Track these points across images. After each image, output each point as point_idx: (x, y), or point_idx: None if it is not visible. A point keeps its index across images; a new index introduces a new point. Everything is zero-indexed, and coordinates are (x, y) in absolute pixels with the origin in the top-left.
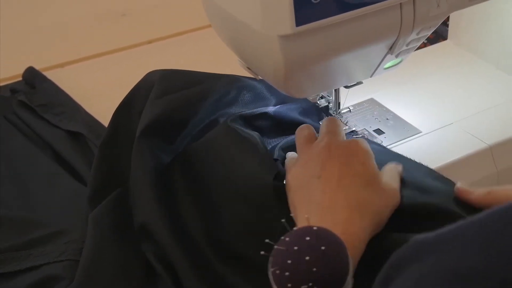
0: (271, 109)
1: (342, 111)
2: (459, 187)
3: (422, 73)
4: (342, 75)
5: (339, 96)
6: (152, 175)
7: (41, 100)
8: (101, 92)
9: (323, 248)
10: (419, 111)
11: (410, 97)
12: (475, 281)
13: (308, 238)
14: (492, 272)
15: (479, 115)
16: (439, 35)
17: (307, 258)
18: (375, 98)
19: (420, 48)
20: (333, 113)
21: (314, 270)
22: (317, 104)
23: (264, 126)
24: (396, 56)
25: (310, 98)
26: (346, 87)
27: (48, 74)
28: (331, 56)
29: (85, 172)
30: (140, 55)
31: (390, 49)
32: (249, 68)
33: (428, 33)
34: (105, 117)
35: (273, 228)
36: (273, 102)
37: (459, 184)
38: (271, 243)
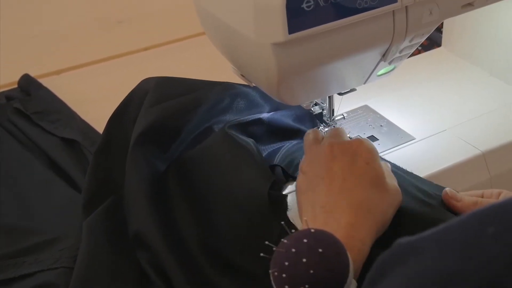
0: (265, 116)
1: (336, 118)
2: (448, 191)
3: (416, 80)
4: (335, 82)
5: (333, 103)
6: (146, 183)
7: (36, 107)
8: (97, 99)
9: (321, 250)
10: (413, 118)
11: (404, 104)
12: (456, 283)
13: (306, 240)
14: (472, 273)
15: (472, 121)
16: (433, 42)
17: (304, 260)
18: (369, 104)
19: (414, 54)
20: (327, 120)
21: (311, 272)
22: (311, 111)
23: (258, 132)
24: (389, 63)
25: (304, 105)
26: (340, 94)
27: (43, 81)
28: (324, 64)
29: (79, 179)
30: (136, 62)
31: (383, 56)
32: (242, 76)
33: (421, 40)
34: (101, 124)
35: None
36: (267, 109)
37: (447, 189)
38: (271, 246)
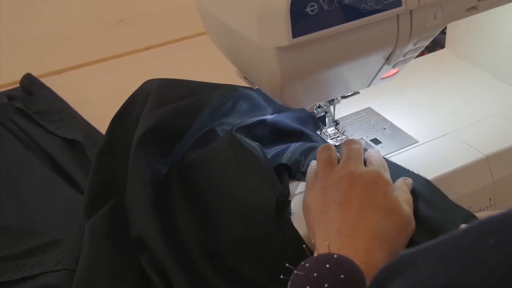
0: (268, 117)
1: (339, 122)
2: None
3: (420, 82)
4: (339, 86)
5: (336, 106)
6: (148, 186)
7: (38, 107)
8: (98, 99)
9: (343, 276)
10: (416, 120)
11: (407, 106)
12: None
13: (328, 265)
14: (472, 285)
15: (475, 124)
16: (437, 43)
17: (326, 285)
18: (372, 107)
19: (417, 56)
20: (330, 122)
21: None
22: (314, 114)
23: (262, 135)
24: (393, 67)
25: (307, 108)
26: (343, 97)
27: (45, 81)
28: (328, 68)
29: (81, 180)
30: (137, 62)
31: (387, 59)
32: (245, 78)
33: (425, 43)
34: (103, 124)
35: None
36: (269, 111)
37: (463, 226)
38: (290, 268)
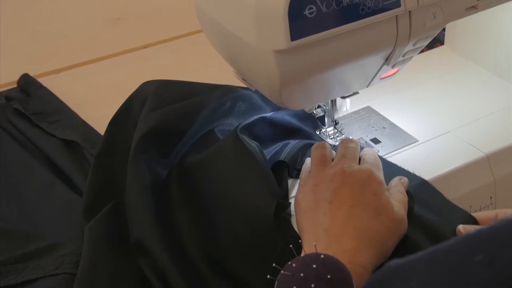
0: (267, 115)
1: (338, 121)
2: (461, 229)
3: (419, 80)
4: (338, 87)
5: (336, 106)
6: (148, 190)
7: (36, 108)
8: (97, 98)
9: (329, 277)
10: (416, 119)
11: (406, 105)
12: None
13: (315, 265)
14: None
15: (475, 123)
16: (436, 39)
17: (312, 285)
18: (372, 106)
19: None
20: (330, 121)
21: None
22: (313, 114)
23: (262, 133)
24: (393, 67)
25: (307, 109)
26: (342, 97)
27: (43, 81)
28: (326, 70)
29: (80, 182)
30: (135, 60)
31: (386, 60)
32: (243, 79)
33: (424, 43)
34: (101, 124)
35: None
36: (268, 111)
37: (460, 227)
38: (277, 267)
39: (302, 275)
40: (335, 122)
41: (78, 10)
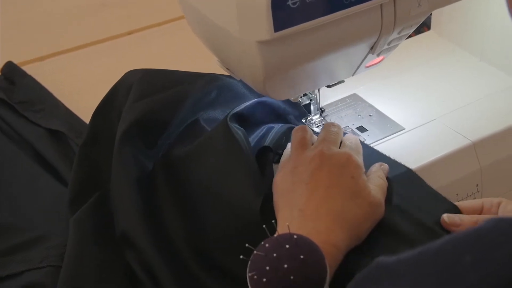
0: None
1: (324, 109)
2: (446, 218)
3: (405, 66)
4: (323, 76)
5: (320, 94)
6: (133, 182)
7: (21, 97)
8: (82, 86)
9: (302, 257)
10: (402, 106)
11: (393, 92)
12: None
13: (288, 246)
14: None
15: (462, 109)
16: (423, 24)
17: (285, 265)
18: (358, 93)
19: None
20: (316, 110)
21: (292, 278)
22: (299, 102)
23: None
24: (378, 55)
25: (292, 99)
26: (328, 86)
27: (28, 68)
28: (311, 60)
29: (66, 173)
30: (120, 47)
31: (372, 48)
32: (227, 69)
33: (409, 31)
34: (86, 113)
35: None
36: (253, 99)
37: (445, 216)
38: (251, 248)
39: (275, 255)
40: (321, 110)
41: None
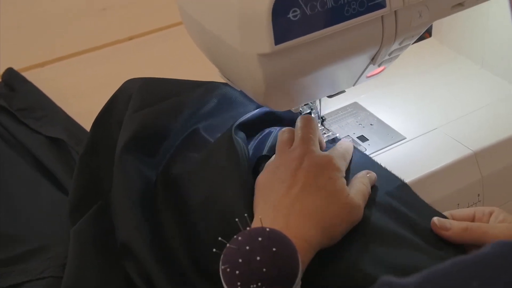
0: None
1: (325, 118)
2: (436, 221)
3: (407, 73)
4: (324, 87)
5: (321, 103)
6: (134, 193)
7: (21, 104)
8: (83, 92)
9: (275, 250)
10: (404, 115)
11: (394, 100)
12: None
13: (261, 238)
14: None
15: (463, 118)
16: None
17: (258, 258)
18: (359, 102)
19: None
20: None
21: (264, 270)
22: (300, 111)
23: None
24: (379, 65)
25: (293, 109)
26: (329, 96)
27: (28, 74)
28: (312, 72)
29: (66, 181)
30: (121, 53)
31: (372, 59)
32: (228, 80)
33: (411, 42)
34: (87, 120)
35: None
36: (252, 107)
37: (435, 219)
38: (224, 242)
39: (247, 248)
40: (322, 119)
41: (63, 0)
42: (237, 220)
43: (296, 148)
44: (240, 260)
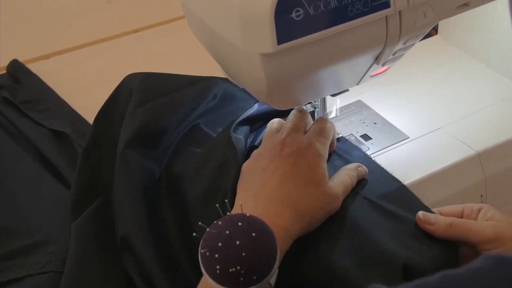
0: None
1: (329, 116)
2: (420, 215)
3: (412, 72)
4: (327, 87)
5: (326, 101)
6: (136, 190)
7: (25, 96)
8: (88, 85)
9: (254, 235)
10: (408, 114)
11: (398, 99)
12: None
13: (240, 223)
14: None
15: (467, 118)
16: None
17: (237, 242)
18: (363, 100)
19: None
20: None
21: (244, 254)
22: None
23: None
24: (383, 65)
25: (296, 107)
26: (332, 95)
27: (33, 66)
28: (314, 72)
29: (68, 174)
30: (127, 45)
31: (376, 59)
32: (231, 77)
33: (415, 41)
34: (91, 112)
35: None
36: (253, 102)
37: (420, 213)
38: (203, 226)
39: (227, 232)
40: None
41: None
42: (217, 206)
43: (280, 135)
44: (219, 244)
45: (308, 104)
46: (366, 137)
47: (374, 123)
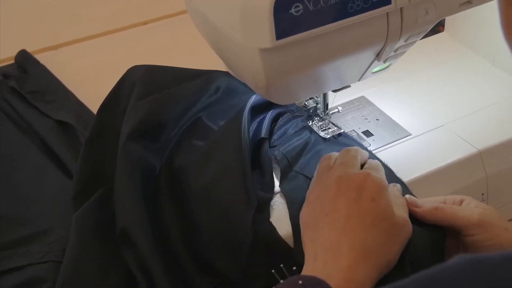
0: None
1: (330, 112)
2: (408, 198)
3: (416, 68)
4: (327, 82)
5: (328, 97)
6: (137, 181)
7: (32, 86)
8: (95, 76)
9: None
10: (410, 110)
11: (401, 95)
12: None
13: None
14: None
15: (470, 116)
16: (439, 23)
17: None
18: (366, 95)
19: None
20: (321, 113)
21: None
22: (305, 105)
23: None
24: (384, 62)
25: (297, 103)
26: (334, 91)
27: (41, 57)
28: (313, 67)
29: (72, 165)
30: (136, 37)
31: (377, 56)
32: (232, 71)
33: (417, 39)
34: (98, 104)
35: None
36: (254, 94)
37: (407, 196)
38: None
39: None
40: (327, 114)
41: None
42: (273, 271)
43: (331, 173)
44: None
45: (310, 99)
46: (367, 133)
47: (377, 119)
